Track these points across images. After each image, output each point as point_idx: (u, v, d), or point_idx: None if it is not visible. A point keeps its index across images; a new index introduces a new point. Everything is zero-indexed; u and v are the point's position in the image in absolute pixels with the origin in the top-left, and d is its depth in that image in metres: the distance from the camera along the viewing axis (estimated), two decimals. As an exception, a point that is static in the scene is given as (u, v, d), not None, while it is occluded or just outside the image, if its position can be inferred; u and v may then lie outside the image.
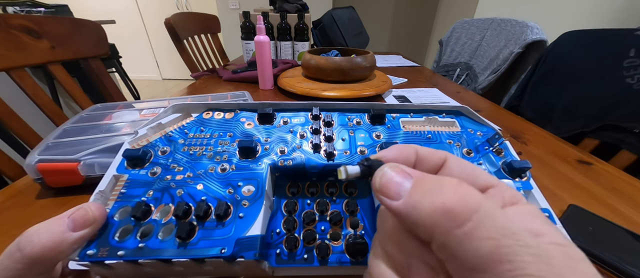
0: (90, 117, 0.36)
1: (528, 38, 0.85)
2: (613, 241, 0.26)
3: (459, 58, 1.19)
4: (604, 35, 0.64)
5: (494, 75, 0.95)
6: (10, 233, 0.25)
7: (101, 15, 2.60)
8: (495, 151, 0.22)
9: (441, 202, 0.10)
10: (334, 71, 0.63)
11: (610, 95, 0.59)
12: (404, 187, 0.11)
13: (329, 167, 0.20)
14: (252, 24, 0.89)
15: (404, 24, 2.75)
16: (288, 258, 0.18)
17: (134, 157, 0.19)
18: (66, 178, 0.29)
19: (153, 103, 0.40)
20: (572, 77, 0.68)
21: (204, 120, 0.23)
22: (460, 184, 0.10)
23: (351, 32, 1.15)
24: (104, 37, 0.67)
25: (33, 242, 0.13)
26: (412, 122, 0.24)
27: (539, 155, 0.42)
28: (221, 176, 0.19)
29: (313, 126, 0.23)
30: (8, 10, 1.29)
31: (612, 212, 0.31)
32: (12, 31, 0.48)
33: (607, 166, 0.40)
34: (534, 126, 0.53)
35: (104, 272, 0.16)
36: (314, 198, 0.20)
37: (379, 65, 1.00)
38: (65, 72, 0.59)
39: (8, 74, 0.49)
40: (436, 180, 0.11)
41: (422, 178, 0.11)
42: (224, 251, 0.15)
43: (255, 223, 0.17)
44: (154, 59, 3.10)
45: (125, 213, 0.17)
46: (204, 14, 1.15)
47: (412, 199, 0.10)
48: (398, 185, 0.11)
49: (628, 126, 0.56)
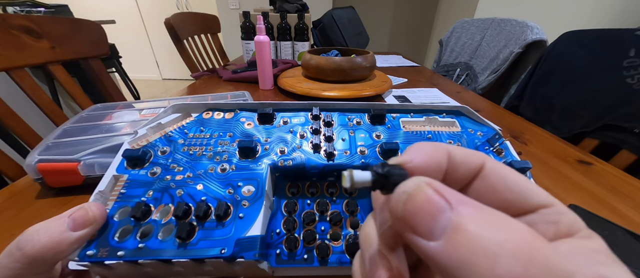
0: (90, 117, 0.36)
1: (528, 38, 0.85)
2: (613, 241, 0.26)
3: (459, 58, 1.19)
4: (604, 35, 0.64)
5: (494, 75, 0.95)
6: (10, 233, 0.25)
7: (101, 15, 2.60)
8: (496, 151, 0.22)
9: (508, 273, 0.06)
10: (334, 71, 0.63)
11: (610, 95, 0.59)
12: (442, 222, 0.08)
13: (329, 167, 0.20)
14: (252, 24, 0.89)
15: (404, 24, 2.74)
16: (288, 258, 0.18)
17: (134, 157, 0.19)
18: (66, 178, 0.29)
19: (153, 103, 0.40)
20: (572, 77, 0.68)
21: (203, 120, 0.23)
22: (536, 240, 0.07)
23: (351, 32, 1.14)
24: (104, 37, 0.67)
25: (33, 242, 0.13)
26: (413, 122, 0.24)
27: (539, 155, 0.42)
28: (221, 176, 0.19)
29: (313, 126, 0.23)
30: (8, 10, 1.29)
31: (612, 212, 0.30)
32: (12, 31, 0.48)
33: (607, 166, 0.40)
34: (534, 126, 0.53)
35: (103, 272, 0.16)
36: (314, 198, 0.20)
37: (379, 65, 1.00)
38: (65, 72, 0.59)
39: (8, 74, 0.49)
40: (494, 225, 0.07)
41: (471, 214, 0.07)
42: (223, 251, 0.15)
43: (255, 224, 0.17)
44: (154, 59, 3.10)
45: (125, 213, 0.17)
46: (204, 14, 1.15)
47: (456, 252, 0.07)
48: (433, 219, 0.08)
49: (628, 126, 0.56)
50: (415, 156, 0.10)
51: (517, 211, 0.10)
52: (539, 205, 0.10)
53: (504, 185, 0.10)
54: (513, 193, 0.10)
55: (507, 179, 0.10)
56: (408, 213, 0.08)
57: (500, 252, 0.06)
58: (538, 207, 0.10)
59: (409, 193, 0.08)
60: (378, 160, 0.21)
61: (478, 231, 0.07)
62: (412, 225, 0.08)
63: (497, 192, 0.10)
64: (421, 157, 0.10)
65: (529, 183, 0.10)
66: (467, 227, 0.07)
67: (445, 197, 0.08)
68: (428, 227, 0.08)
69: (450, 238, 0.07)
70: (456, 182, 0.11)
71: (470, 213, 0.07)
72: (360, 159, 0.21)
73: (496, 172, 0.10)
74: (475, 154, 0.11)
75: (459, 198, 0.08)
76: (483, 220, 0.07)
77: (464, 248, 0.07)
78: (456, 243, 0.07)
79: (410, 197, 0.08)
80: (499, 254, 0.06)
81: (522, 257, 0.06)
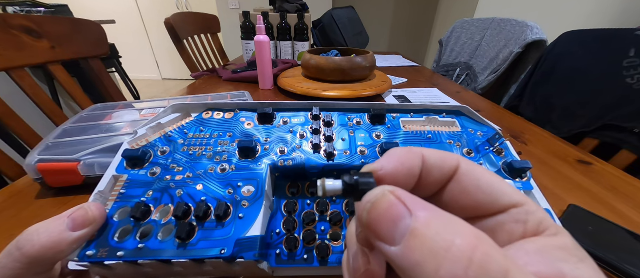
0: (90, 117, 0.36)
1: (528, 38, 0.85)
2: (613, 241, 0.26)
3: (459, 58, 1.19)
4: (604, 35, 0.64)
5: (494, 75, 0.95)
6: (10, 233, 0.25)
7: (101, 15, 2.59)
8: (496, 151, 0.22)
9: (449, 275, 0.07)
10: (334, 71, 0.63)
11: (610, 95, 0.59)
12: (401, 228, 0.08)
13: (329, 168, 0.20)
14: (252, 24, 0.89)
15: (404, 24, 2.74)
16: (288, 258, 0.18)
17: (134, 157, 0.19)
18: (66, 178, 0.29)
19: (153, 103, 0.40)
20: (572, 77, 0.68)
21: (203, 120, 0.23)
22: (480, 243, 0.07)
23: (351, 32, 1.14)
24: (104, 37, 0.67)
25: (32, 241, 0.13)
26: (413, 122, 0.24)
27: (539, 155, 0.42)
28: (221, 176, 0.19)
29: (313, 126, 0.23)
30: (8, 10, 1.29)
31: (612, 212, 0.30)
32: (12, 31, 0.48)
33: (607, 166, 0.40)
34: (534, 126, 0.53)
35: (103, 272, 0.16)
36: (314, 198, 0.20)
37: (379, 65, 1.00)
38: (65, 72, 0.59)
39: (8, 74, 0.49)
40: (445, 230, 0.07)
41: (426, 221, 0.08)
42: (223, 252, 0.15)
43: (255, 224, 0.17)
44: (154, 59, 3.10)
45: (124, 213, 0.17)
46: (204, 14, 1.15)
47: (411, 255, 0.07)
48: (393, 225, 0.08)
49: (628, 126, 0.56)
50: (386, 163, 0.11)
51: (488, 211, 0.11)
52: (509, 205, 0.10)
53: (477, 187, 0.11)
54: (485, 195, 0.10)
55: (479, 181, 0.11)
56: (372, 221, 0.09)
57: (445, 256, 0.07)
58: (508, 207, 0.10)
59: (373, 203, 0.09)
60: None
61: (430, 235, 0.07)
62: (376, 232, 0.09)
63: (469, 194, 0.11)
64: (392, 164, 0.11)
65: (502, 184, 0.11)
66: (422, 231, 0.08)
67: (406, 204, 0.08)
68: (390, 233, 0.08)
69: (407, 243, 0.08)
70: (431, 185, 0.11)
71: (427, 218, 0.08)
72: (360, 159, 0.21)
73: (469, 174, 0.11)
74: (450, 157, 0.11)
75: (419, 204, 0.08)
76: (436, 225, 0.08)
77: (418, 252, 0.07)
78: (412, 247, 0.08)
79: (374, 206, 0.09)
80: (445, 257, 0.07)
81: (463, 260, 0.07)
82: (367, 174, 0.10)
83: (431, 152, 0.11)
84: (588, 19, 1.88)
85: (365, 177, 0.10)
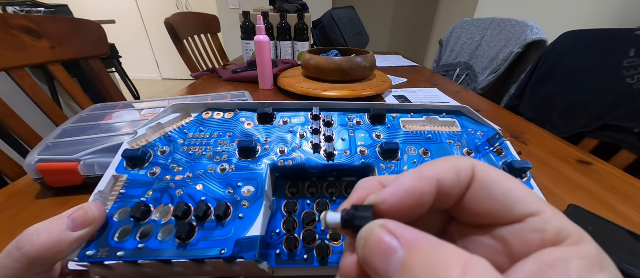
0: (90, 117, 0.36)
1: (528, 38, 0.85)
2: (613, 241, 0.26)
3: (459, 58, 1.19)
4: (604, 35, 0.64)
5: (494, 75, 0.95)
6: (10, 233, 0.25)
7: (101, 15, 2.59)
8: (496, 151, 0.22)
9: None
10: (334, 71, 0.63)
11: (610, 95, 0.59)
12: (394, 263, 0.08)
13: (329, 167, 0.20)
14: (252, 24, 0.89)
15: (404, 24, 2.74)
16: (288, 258, 0.18)
17: (134, 157, 0.19)
18: (66, 178, 0.29)
19: (153, 103, 0.40)
20: (572, 77, 0.68)
21: (203, 120, 0.23)
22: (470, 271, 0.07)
23: (351, 32, 1.15)
24: (104, 37, 0.67)
25: (32, 242, 0.13)
26: (413, 122, 0.24)
27: (539, 155, 0.42)
28: (221, 176, 0.19)
29: (313, 126, 0.23)
30: (8, 10, 1.29)
31: (612, 212, 0.30)
32: (12, 31, 0.48)
33: (607, 166, 0.40)
34: (534, 126, 0.53)
35: (103, 272, 0.16)
36: (314, 198, 0.20)
37: (379, 65, 1.00)
38: (65, 72, 0.59)
39: (8, 74, 0.49)
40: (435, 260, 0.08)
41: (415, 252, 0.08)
42: (223, 252, 0.15)
43: (255, 224, 0.17)
44: (154, 59, 3.09)
45: (124, 213, 0.17)
46: (204, 14, 1.15)
47: None
48: (386, 259, 0.08)
49: (628, 126, 0.56)
50: (390, 196, 0.10)
51: (503, 221, 0.10)
52: (525, 215, 0.10)
53: (489, 195, 0.10)
54: (498, 204, 0.10)
55: (492, 189, 0.10)
56: (366, 257, 0.09)
57: None
58: (524, 216, 0.10)
59: (365, 238, 0.09)
60: (378, 160, 0.21)
61: (419, 270, 0.08)
62: (371, 268, 0.09)
63: (482, 203, 0.10)
64: (397, 196, 0.10)
65: (520, 191, 0.10)
66: (412, 265, 0.08)
67: (397, 236, 0.09)
68: (384, 269, 0.08)
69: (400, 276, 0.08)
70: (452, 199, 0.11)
71: (417, 252, 0.08)
72: (360, 159, 0.21)
73: (483, 181, 0.10)
74: (464, 167, 0.11)
75: (410, 237, 0.08)
76: (424, 255, 0.08)
77: None
78: None
79: (366, 242, 0.09)
80: None
81: None
82: (367, 208, 0.10)
83: (445, 170, 0.10)
84: (588, 19, 1.88)
85: (364, 211, 0.10)
